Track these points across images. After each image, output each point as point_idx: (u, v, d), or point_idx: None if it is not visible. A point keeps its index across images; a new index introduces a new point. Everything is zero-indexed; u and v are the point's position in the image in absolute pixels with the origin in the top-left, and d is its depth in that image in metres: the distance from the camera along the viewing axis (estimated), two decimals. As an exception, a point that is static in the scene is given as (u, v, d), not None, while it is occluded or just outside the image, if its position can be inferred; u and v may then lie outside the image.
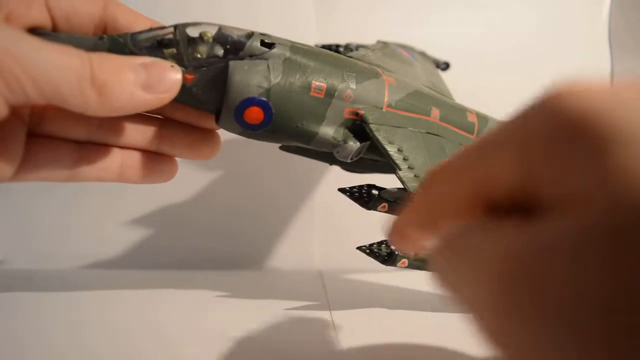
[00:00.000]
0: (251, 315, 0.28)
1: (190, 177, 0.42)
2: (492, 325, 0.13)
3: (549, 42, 0.49)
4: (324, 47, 0.38)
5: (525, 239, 0.12)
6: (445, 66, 0.43)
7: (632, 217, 0.10)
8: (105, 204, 0.42)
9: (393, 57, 0.36)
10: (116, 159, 0.28)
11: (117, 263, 0.41)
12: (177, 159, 0.29)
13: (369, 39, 0.38)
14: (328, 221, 0.43)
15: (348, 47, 0.38)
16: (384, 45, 0.38)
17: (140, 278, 0.36)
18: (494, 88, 0.36)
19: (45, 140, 0.26)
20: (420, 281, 0.33)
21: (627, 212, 0.10)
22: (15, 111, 0.22)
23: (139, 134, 0.28)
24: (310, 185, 0.43)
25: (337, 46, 0.38)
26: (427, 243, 0.17)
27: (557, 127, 0.12)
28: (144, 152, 0.28)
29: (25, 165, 0.25)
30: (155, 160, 0.29)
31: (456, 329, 0.16)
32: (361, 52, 0.34)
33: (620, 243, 0.10)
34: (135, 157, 0.28)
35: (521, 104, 0.14)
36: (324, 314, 0.28)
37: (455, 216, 0.16)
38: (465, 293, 0.14)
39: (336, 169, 0.34)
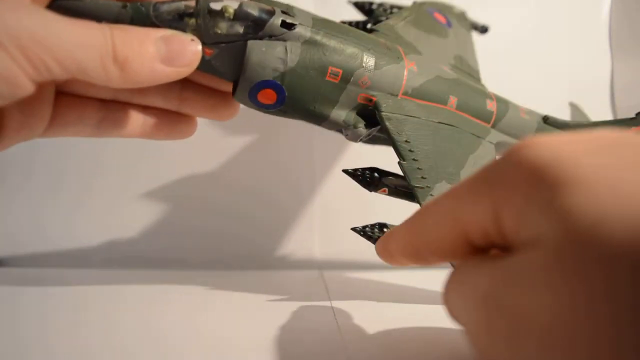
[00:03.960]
0: (252, 313, 0.29)
1: (190, 177, 0.42)
2: (479, 344, 0.16)
3: (548, 42, 0.47)
4: (356, 4, 0.37)
5: (497, 274, 0.15)
6: (483, 30, 0.41)
7: (576, 250, 0.12)
8: (104, 204, 0.42)
9: (425, 26, 0.35)
10: (138, 118, 0.29)
11: (116, 263, 0.41)
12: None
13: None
14: (328, 220, 0.43)
15: (381, 6, 0.37)
16: (418, 9, 0.36)
17: (140, 278, 0.37)
18: (492, 88, 0.35)
19: (72, 99, 0.28)
20: (420, 278, 0.35)
21: (574, 246, 0.12)
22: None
23: (161, 95, 0.29)
24: (311, 185, 0.43)
25: (371, 4, 0.37)
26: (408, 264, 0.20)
27: (518, 176, 0.14)
28: (166, 111, 0.30)
29: (54, 122, 0.27)
30: (176, 120, 0.30)
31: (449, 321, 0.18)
32: (390, 21, 0.33)
33: (565, 272, 0.12)
34: (156, 117, 0.29)
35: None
36: (326, 311, 0.29)
37: (439, 254, 0.18)
38: (461, 314, 0.17)
39: (339, 167, 0.34)
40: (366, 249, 0.30)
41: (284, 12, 0.27)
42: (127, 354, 0.23)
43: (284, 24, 0.26)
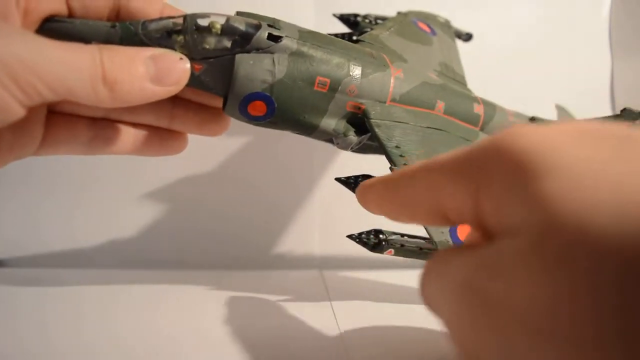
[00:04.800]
0: (252, 313, 0.29)
1: (189, 177, 0.42)
2: (459, 336, 0.15)
3: (548, 42, 0.47)
4: (342, 17, 0.38)
5: (477, 262, 0.15)
6: (467, 37, 0.42)
7: (559, 239, 0.12)
8: (104, 204, 0.42)
9: (409, 35, 0.35)
10: (130, 135, 0.29)
11: (114, 263, 0.41)
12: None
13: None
14: (328, 220, 0.43)
15: (366, 18, 0.38)
16: (402, 19, 0.37)
17: (139, 278, 0.37)
18: (492, 88, 0.35)
19: (63, 118, 0.28)
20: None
21: (555, 235, 0.12)
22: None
23: (152, 113, 0.29)
24: (311, 185, 0.43)
25: (356, 16, 0.38)
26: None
27: (499, 163, 0.14)
28: (157, 128, 0.30)
29: (46, 141, 0.27)
30: (167, 137, 0.30)
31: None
32: (375, 31, 0.34)
33: (547, 261, 0.12)
34: (147, 134, 0.30)
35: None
36: (327, 311, 0.29)
37: (410, 217, 0.19)
38: (438, 304, 0.17)
39: (337, 168, 0.34)
40: (366, 249, 0.30)
41: (270, 26, 0.27)
42: (126, 354, 0.23)
43: (271, 37, 0.27)
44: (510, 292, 0.13)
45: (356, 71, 0.28)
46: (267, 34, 0.27)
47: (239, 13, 0.28)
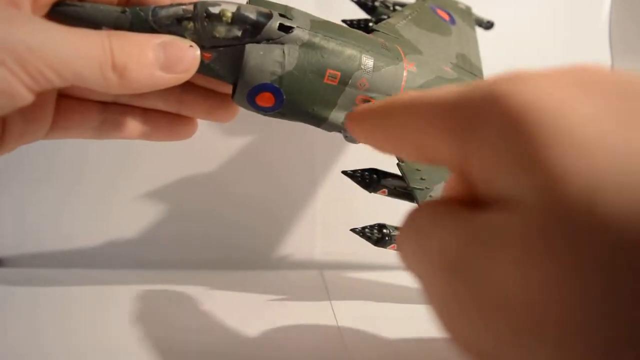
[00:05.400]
0: (253, 313, 0.29)
1: (189, 176, 0.42)
2: (439, 308, 0.14)
3: (548, 42, 0.46)
4: (359, 1, 0.37)
5: (467, 236, 0.13)
6: (488, 25, 0.41)
7: (566, 221, 0.11)
8: (102, 204, 0.41)
9: (427, 24, 0.34)
10: (139, 120, 0.29)
11: (114, 263, 0.41)
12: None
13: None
14: (329, 220, 0.43)
15: (384, 4, 0.37)
16: (421, 5, 0.36)
17: (139, 278, 0.37)
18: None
19: (73, 102, 0.28)
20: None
21: (563, 216, 0.11)
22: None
23: (161, 98, 0.29)
24: (312, 185, 0.43)
25: (373, 1, 0.37)
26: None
27: (493, 116, 0.12)
28: (166, 113, 0.30)
29: (56, 125, 0.27)
30: (176, 121, 0.30)
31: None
32: (392, 20, 0.33)
33: (553, 245, 0.11)
34: (157, 119, 0.30)
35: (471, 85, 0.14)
36: (327, 311, 0.29)
37: (398, 153, 0.18)
38: (420, 273, 0.15)
39: (338, 168, 0.34)
40: (366, 249, 0.30)
41: (281, 15, 0.27)
42: (123, 354, 0.23)
43: (282, 27, 0.26)
44: (507, 276, 0.12)
45: (368, 64, 0.28)
46: (278, 24, 0.26)
47: (251, 1, 0.28)
